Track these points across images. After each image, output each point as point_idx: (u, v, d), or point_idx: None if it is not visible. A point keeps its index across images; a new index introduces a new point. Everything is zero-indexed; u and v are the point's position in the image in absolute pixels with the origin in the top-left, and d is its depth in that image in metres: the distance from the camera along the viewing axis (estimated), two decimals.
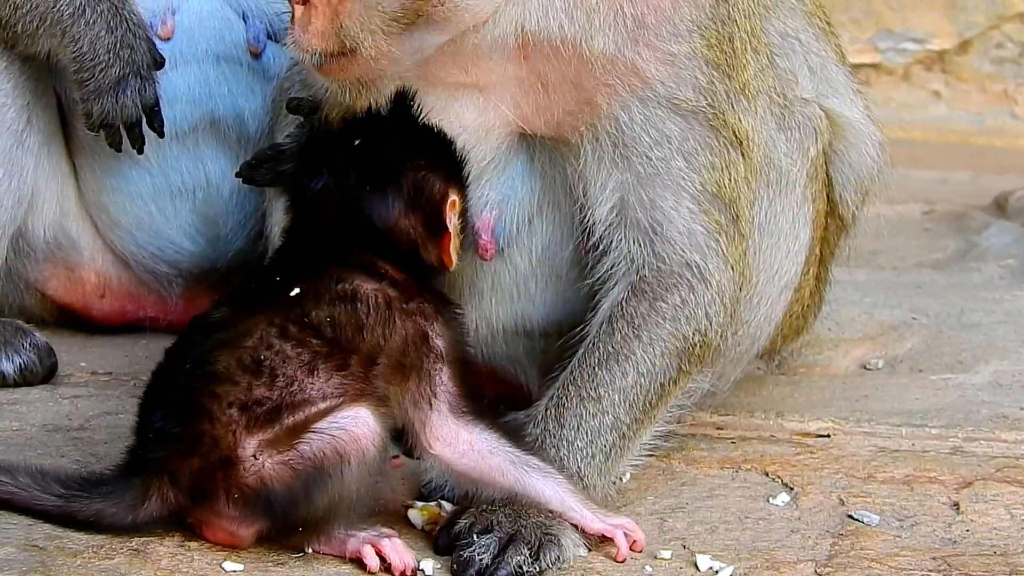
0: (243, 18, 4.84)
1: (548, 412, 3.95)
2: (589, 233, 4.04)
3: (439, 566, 3.63)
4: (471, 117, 4.00)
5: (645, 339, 3.95)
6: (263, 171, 4.56)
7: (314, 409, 3.58)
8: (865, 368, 5.04)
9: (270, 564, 3.59)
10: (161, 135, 4.73)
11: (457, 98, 4.01)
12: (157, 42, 4.72)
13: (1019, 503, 4.00)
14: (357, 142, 3.78)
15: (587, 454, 3.90)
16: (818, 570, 3.66)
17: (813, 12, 4.45)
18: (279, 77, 4.80)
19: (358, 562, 3.59)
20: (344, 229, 3.73)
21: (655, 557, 3.69)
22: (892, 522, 3.91)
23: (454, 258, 3.83)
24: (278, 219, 4.58)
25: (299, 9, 3.78)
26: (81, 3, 4.59)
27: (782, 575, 3.64)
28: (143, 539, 3.60)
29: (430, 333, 3.73)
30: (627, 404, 3.95)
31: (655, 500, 3.99)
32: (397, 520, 3.82)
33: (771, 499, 4.01)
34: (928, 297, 5.64)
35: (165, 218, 4.97)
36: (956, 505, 4.00)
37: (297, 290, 3.66)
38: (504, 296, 4.23)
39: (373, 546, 3.58)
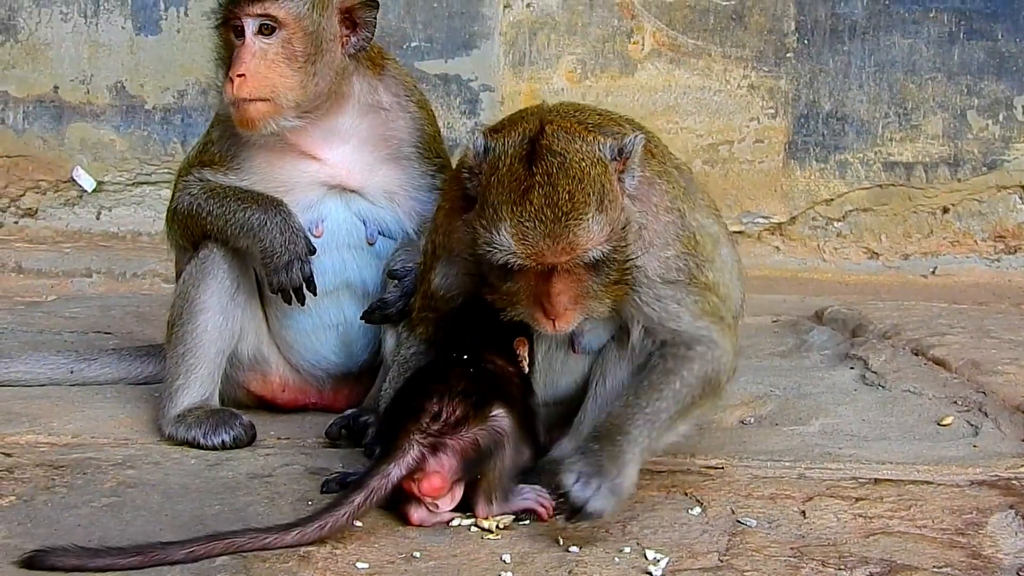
0: (363, 223, 4.73)
1: (627, 400, 3.78)
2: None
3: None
4: None
5: (687, 369, 3.82)
6: (376, 315, 4.55)
7: (481, 411, 3.60)
8: (743, 423, 4.83)
9: (385, 563, 3.41)
10: (315, 294, 4.59)
11: None
12: (312, 238, 4.61)
13: (843, 510, 3.82)
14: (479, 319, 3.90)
15: (647, 431, 3.72)
16: (721, 557, 3.48)
17: (710, 206, 4.25)
18: (385, 258, 4.68)
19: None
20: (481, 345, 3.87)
21: (620, 551, 3.51)
22: (764, 524, 3.72)
23: (524, 367, 3.93)
24: (389, 344, 4.54)
25: None
26: (264, 218, 4.51)
27: (699, 561, 3.46)
28: (307, 549, 3.43)
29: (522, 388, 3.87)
30: (672, 403, 3.79)
31: (619, 512, 3.75)
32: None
33: (689, 511, 3.82)
34: (779, 376, 5.44)
35: (320, 343, 4.81)
36: (803, 512, 3.81)
37: (466, 356, 3.78)
38: None
39: (539, 501, 3.57)
